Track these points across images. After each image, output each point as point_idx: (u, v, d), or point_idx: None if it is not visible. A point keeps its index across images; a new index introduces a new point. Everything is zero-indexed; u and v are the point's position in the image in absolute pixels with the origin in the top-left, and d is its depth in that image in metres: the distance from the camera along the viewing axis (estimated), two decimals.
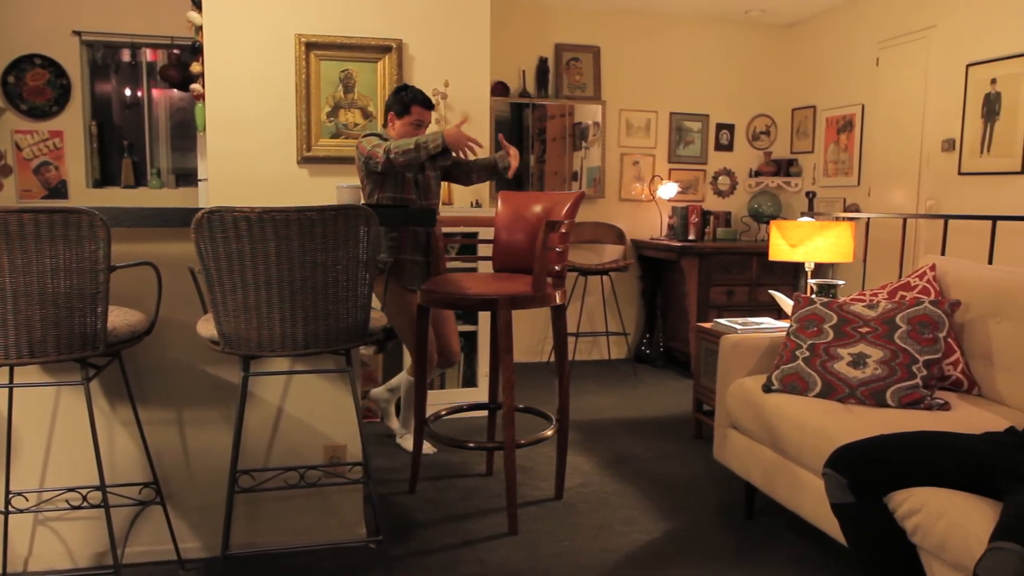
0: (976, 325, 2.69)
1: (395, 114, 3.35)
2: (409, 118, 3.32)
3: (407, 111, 3.33)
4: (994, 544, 1.58)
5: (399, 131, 3.34)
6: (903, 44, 4.84)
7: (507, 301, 2.71)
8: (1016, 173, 4.04)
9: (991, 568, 1.55)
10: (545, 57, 5.52)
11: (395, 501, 3.09)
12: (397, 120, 3.35)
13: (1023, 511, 1.62)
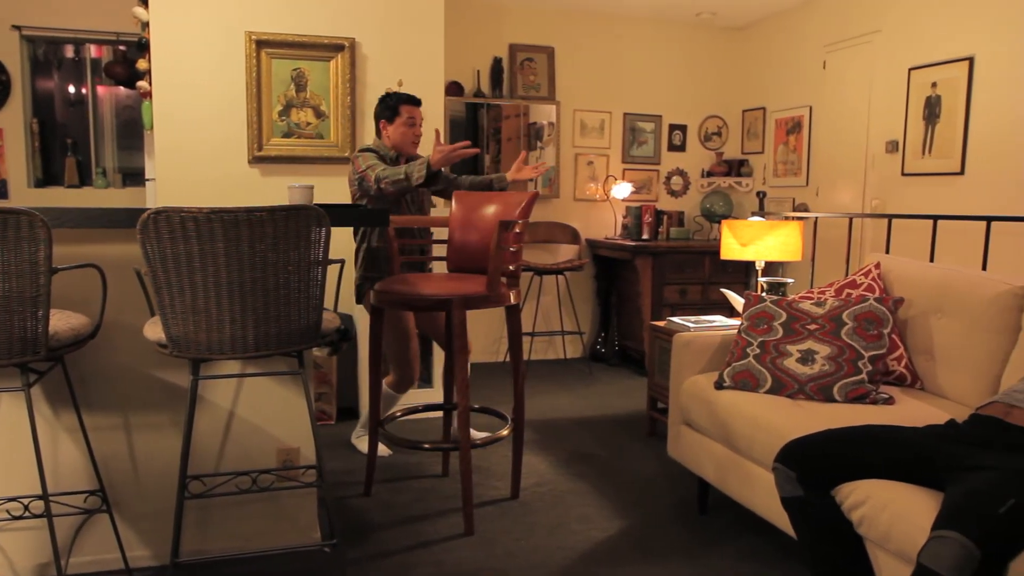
0: (918, 321, 2.77)
1: (386, 120, 3.38)
2: (400, 119, 3.35)
3: (396, 113, 3.36)
4: (935, 533, 1.63)
5: (394, 135, 3.37)
6: (849, 48, 4.96)
7: (461, 301, 2.71)
8: (956, 174, 4.17)
9: (933, 556, 1.60)
10: (499, 57, 5.53)
11: (350, 504, 3.06)
12: (389, 126, 3.38)
13: (962, 501, 1.68)
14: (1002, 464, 1.77)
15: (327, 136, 4.38)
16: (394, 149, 3.40)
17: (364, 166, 3.19)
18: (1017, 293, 2.48)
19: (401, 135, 3.38)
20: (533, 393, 4.80)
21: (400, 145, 3.40)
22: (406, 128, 3.37)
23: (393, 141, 3.39)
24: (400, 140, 3.39)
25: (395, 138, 3.39)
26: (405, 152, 3.42)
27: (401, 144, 3.40)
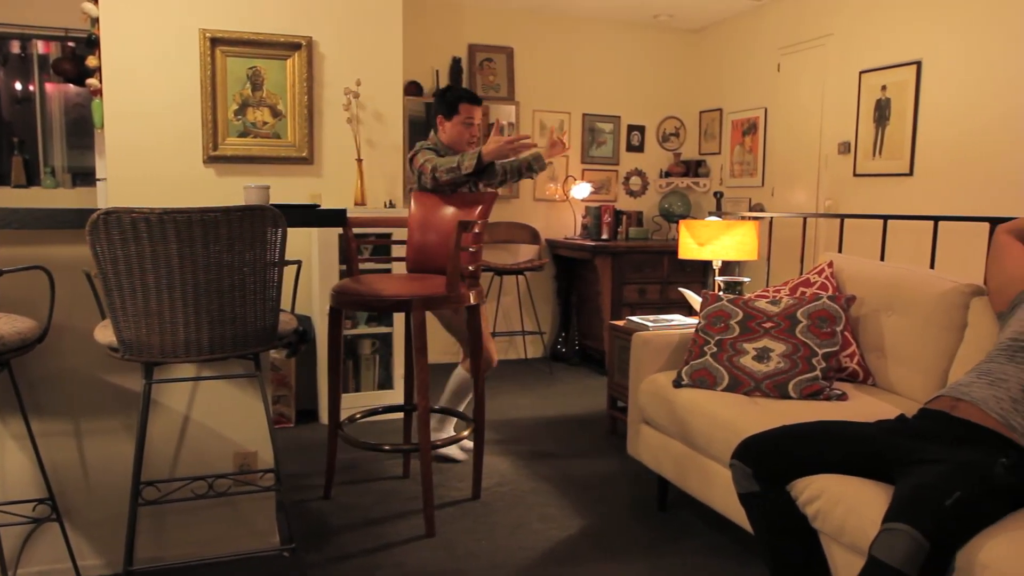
0: (870, 319, 2.83)
1: (443, 116, 3.28)
2: (458, 117, 3.25)
3: (455, 110, 3.25)
4: (886, 526, 1.67)
5: (450, 133, 3.27)
6: (802, 51, 5.06)
7: (421, 302, 2.69)
8: (905, 175, 4.27)
9: (883, 548, 1.64)
10: (458, 57, 5.52)
11: (310, 507, 3.02)
12: (447, 122, 3.27)
13: (911, 494, 1.72)
14: (949, 457, 1.82)
15: (284, 136, 4.33)
16: (450, 147, 3.28)
17: (422, 160, 3.14)
18: (963, 291, 2.55)
19: (458, 134, 3.27)
20: (494, 393, 4.80)
21: (455, 144, 3.28)
22: (463, 127, 3.26)
23: (449, 138, 3.28)
24: (456, 138, 3.28)
25: (451, 136, 3.27)
26: (460, 151, 3.28)
27: (456, 143, 3.28)
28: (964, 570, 1.63)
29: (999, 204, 3.69)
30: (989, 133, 3.81)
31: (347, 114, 4.38)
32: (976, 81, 3.87)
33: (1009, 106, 3.71)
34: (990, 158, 3.81)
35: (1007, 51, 3.71)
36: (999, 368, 2.03)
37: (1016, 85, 3.67)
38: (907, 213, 3.94)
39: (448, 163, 3.04)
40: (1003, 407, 1.91)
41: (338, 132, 4.42)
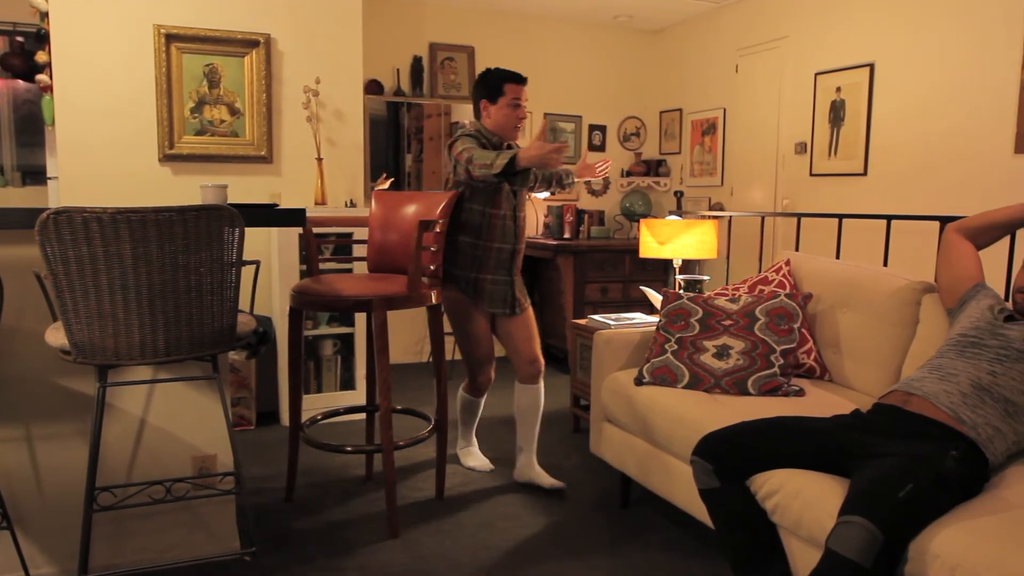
0: (826, 316, 2.89)
1: (487, 100, 3.01)
2: (504, 99, 2.98)
3: (499, 92, 2.99)
4: (842, 518, 1.70)
5: (496, 117, 3.01)
6: (759, 52, 5.13)
7: (382, 302, 2.68)
8: (859, 175, 4.36)
9: (840, 540, 1.67)
10: (419, 56, 5.49)
11: (271, 510, 2.99)
12: (491, 106, 3.01)
13: (866, 487, 1.76)
14: (901, 451, 1.86)
15: (242, 134, 4.27)
16: (496, 133, 3.03)
17: (460, 148, 2.90)
18: (915, 288, 2.61)
19: (505, 117, 3.00)
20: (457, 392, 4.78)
21: (503, 128, 3.02)
22: (510, 110, 2.99)
23: (496, 123, 3.02)
24: (504, 123, 3.01)
25: (498, 120, 3.01)
26: (508, 137, 3.06)
27: (504, 127, 3.02)
28: (916, 560, 1.67)
29: (949, 203, 3.79)
30: (939, 134, 3.91)
31: (307, 112, 4.33)
32: (926, 83, 3.97)
33: (958, 108, 3.81)
34: (940, 158, 3.91)
35: (955, 54, 3.81)
36: (949, 363, 2.09)
37: (964, 87, 3.77)
38: (861, 212, 4.02)
39: (484, 158, 2.78)
40: (953, 401, 1.97)
41: (298, 131, 4.37)
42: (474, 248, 3.02)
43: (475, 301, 3.07)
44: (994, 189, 3.60)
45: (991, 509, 1.74)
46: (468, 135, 2.99)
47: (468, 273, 3.05)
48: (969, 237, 2.42)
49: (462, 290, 3.06)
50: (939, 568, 1.62)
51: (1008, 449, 1.95)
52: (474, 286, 3.05)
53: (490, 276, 3.05)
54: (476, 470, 3.40)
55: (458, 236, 3.02)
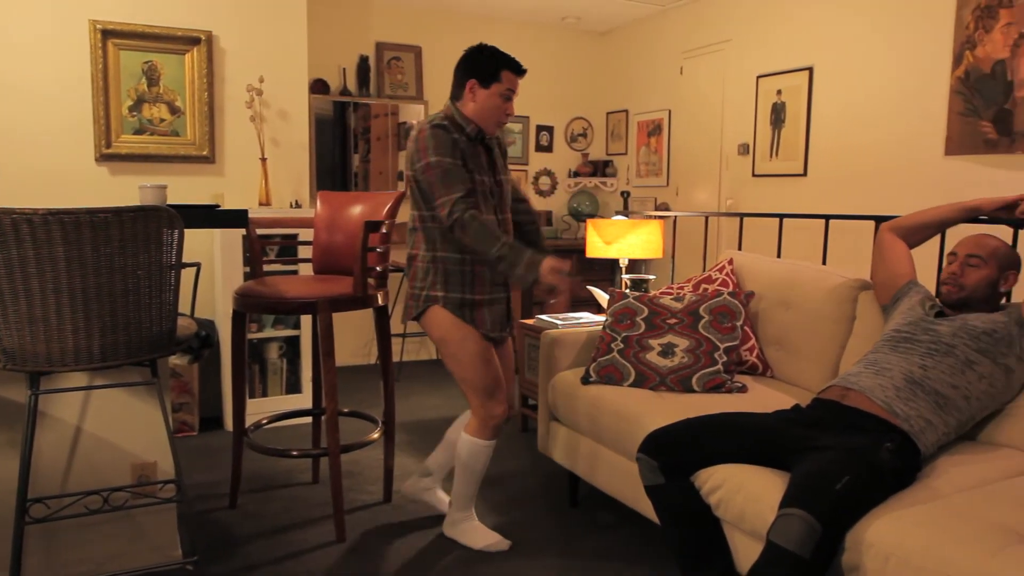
0: (768, 313, 2.95)
1: (478, 82, 2.54)
2: (498, 87, 2.55)
3: (495, 77, 2.54)
4: (782, 511, 1.74)
5: (483, 104, 2.54)
6: (703, 55, 5.22)
7: (327, 303, 2.65)
8: (800, 175, 4.47)
9: (780, 533, 1.71)
10: (366, 55, 5.44)
11: (214, 518, 2.93)
12: (481, 90, 2.54)
13: (805, 480, 1.80)
14: (839, 444, 1.91)
15: (183, 134, 4.17)
16: (475, 121, 2.57)
17: (433, 151, 2.42)
18: (852, 285, 2.69)
19: (493, 108, 2.55)
20: (405, 394, 4.76)
21: (483, 119, 2.57)
22: (501, 101, 2.56)
23: (479, 111, 2.55)
24: (488, 113, 2.56)
25: (483, 108, 2.55)
26: (486, 130, 2.60)
27: (487, 118, 2.57)
28: (852, 550, 1.72)
29: (884, 203, 3.91)
30: (874, 137, 4.03)
31: (250, 112, 4.26)
32: (862, 88, 4.09)
33: (892, 112, 3.93)
34: (875, 160, 4.03)
35: (890, 61, 3.93)
36: (884, 358, 2.15)
37: (898, 92, 3.90)
38: (801, 212, 4.12)
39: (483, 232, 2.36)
40: (887, 395, 2.03)
41: (241, 130, 4.29)
42: (461, 264, 2.53)
43: (473, 326, 2.56)
44: (926, 190, 3.72)
45: (923, 498, 1.80)
46: (439, 127, 2.47)
47: (459, 295, 2.54)
48: (902, 236, 2.50)
49: (455, 313, 2.54)
50: (874, 556, 1.67)
51: (939, 440, 2.02)
52: (470, 308, 2.55)
53: (486, 296, 2.57)
54: (491, 550, 2.68)
55: (437, 251, 2.54)
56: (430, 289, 2.55)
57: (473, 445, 2.61)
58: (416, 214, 2.57)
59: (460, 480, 2.67)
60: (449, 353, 2.58)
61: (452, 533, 2.74)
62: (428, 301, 2.55)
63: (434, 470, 2.90)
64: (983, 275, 2.20)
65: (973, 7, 3.51)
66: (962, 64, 3.57)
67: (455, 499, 2.72)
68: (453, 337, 2.54)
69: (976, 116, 3.52)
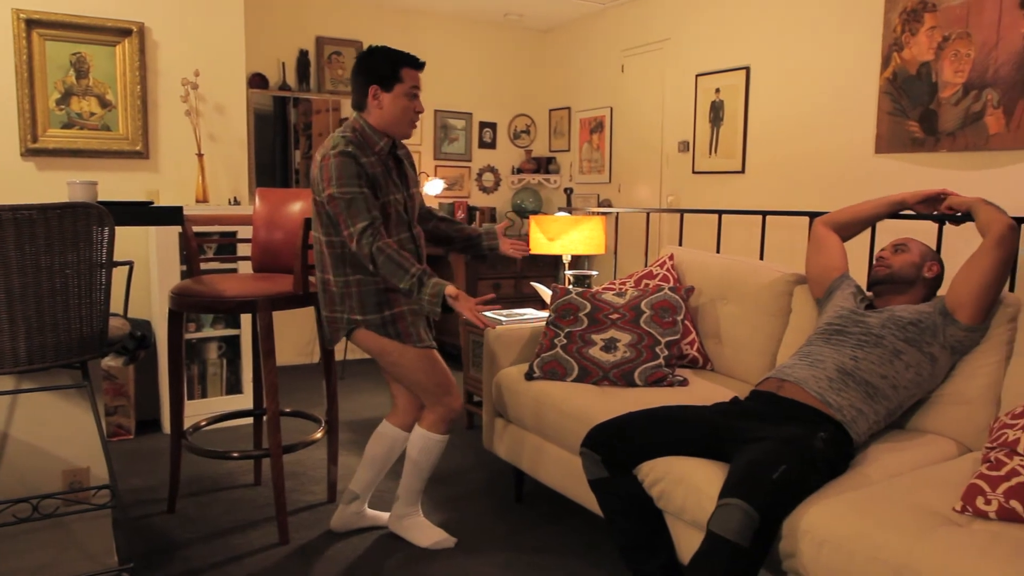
0: (707, 308, 3.01)
1: (379, 87, 2.42)
2: (401, 87, 2.42)
3: (396, 78, 2.41)
4: (721, 501, 1.78)
5: (390, 110, 2.43)
6: (643, 53, 5.28)
7: (267, 302, 2.60)
8: (738, 172, 4.56)
9: (719, 522, 1.75)
10: (306, 50, 5.36)
11: (152, 523, 2.85)
12: (385, 94, 2.42)
13: (743, 470, 1.84)
14: (775, 434, 1.96)
15: (115, 128, 4.05)
16: (386, 130, 2.47)
17: (336, 181, 2.31)
18: (787, 280, 2.76)
19: (401, 110, 2.43)
20: (349, 393, 4.71)
21: (394, 125, 2.46)
22: (407, 101, 2.43)
23: (387, 118, 2.44)
24: (398, 118, 2.45)
25: (392, 114, 2.43)
26: (400, 134, 2.50)
27: (397, 124, 2.46)
28: (789, 537, 1.77)
29: (818, 199, 4.02)
30: (808, 135, 4.14)
31: (186, 106, 4.15)
32: (797, 87, 4.19)
33: (825, 111, 4.04)
34: (810, 158, 4.14)
35: (823, 61, 4.05)
36: (817, 350, 2.22)
37: (831, 92, 4.01)
38: (739, 208, 4.21)
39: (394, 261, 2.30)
40: (821, 386, 2.09)
41: (176, 125, 4.18)
42: (375, 283, 2.46)
43: (398, 338, 2.48)
44: (858, 187, 3.84)
45: (855, 485, 1.86)
46: (344, 154, 2.34)
47: (378, 314, 2.46)
48: (835, 230, 2.58)
49: (380, 334, 2.47)
50: (809, 543, 1.72)
51: (870, 428, 2.09)
52: (392, 325, 2.47)
53: (405, 307, 2.49)
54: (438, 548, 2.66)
55: (350, 275, 2.45)
56: (349, 314, 2.46)
57: (428, 440, 2.58)
58: (323, 238, 2.46)
59: (410, 475, 2.64)
60: (391, 362, 2.51)
61: (398, 529, 2.71)
62: (351, 324, 2.47)
63: (361, 492, 2.76)
64: (907, 259, 2.33)
65: (900, 11, 3.63)
66: (890, 66, 3.69)
67: (403, 494, 2.68)
68: (392, 348, 2.48)
69: (904, 116, 3.64)
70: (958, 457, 2.06)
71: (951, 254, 2.87)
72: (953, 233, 2.72)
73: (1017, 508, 1.61)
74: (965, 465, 1.93)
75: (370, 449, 2.73)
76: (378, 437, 2.72)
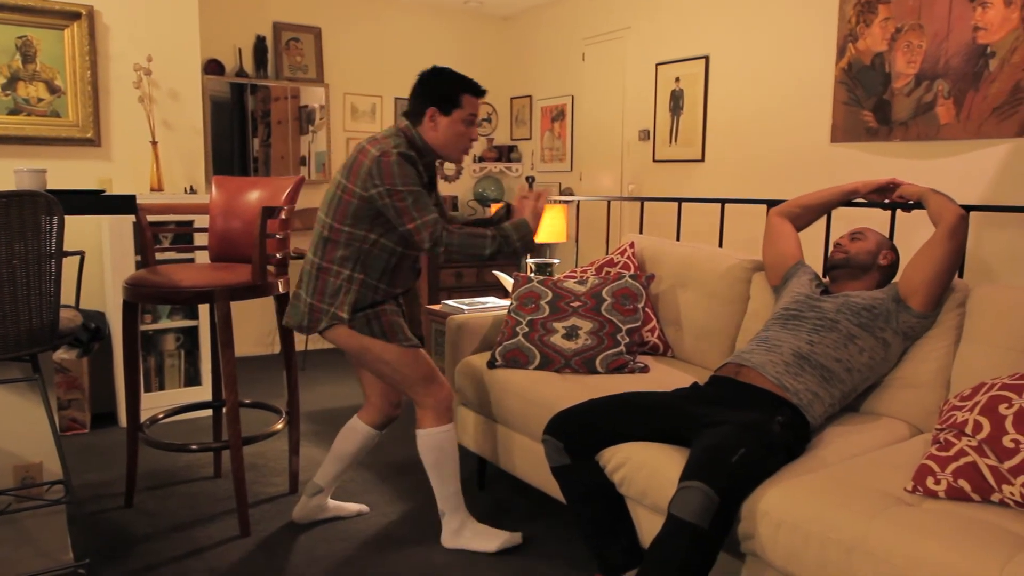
0: (668, 295, 3.04)
1: (438, 110, 2.40)
2: (460, 113, 2.41)
3: (455, 103, 2.40)
4: (682, 485, 1.81)
5: (446, 133, 2.42)
6: (604, 42, 5.29)
7: (225, 292, 2.56)
8: (697, 161, 4.61)
9: (680, 505, 1.78)
10: (263, 35, 5.27)
11: (109, 518, 2.80)
12: (442, 118, 2.40)
13: (703, 454, 1.87)
14: (734, 418, 1.99)
15: (64, 114, 3.94)
16: (437, 150, 2.46)
17: (407, 196, 2.29)
18: (745, 267, 2.80)
19: (457, 136, 2.43)
20: (311, 384, 4.67)
21: (447, 148, 2.45)
22: (464, 127, 2.44)
23: (442, 140, 2.43)
24: (452, 141, 2.44)
25: (446, 137, 2.43)
26: (449, 159, 2.51)
27: (451, 147, 2.45)
28: (748, 519, 1.80)
29: (776, 188, 4.08)
30: (766, 124, 4.19)
31: (138, 92, 4.05)
32: (755, 77, 4.24)
33: (783, 100, 4.10)
34: (767, 146, 4.19)
35: (780, 51, 4.10)
36: (774, 336, 2.25)
37: (788, 82, 4.06)
38: (699, 196, 4.25)
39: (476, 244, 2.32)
40: (778, 370, 2.13)
41: (129, 112, 4.08)
42: (375, 291, 2.43)
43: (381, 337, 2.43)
44: (814, 175, 3.90)
45: (811, 468, 1.90)
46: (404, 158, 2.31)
47: (364, 312, 2.42)
48: (789, 219, 2.62)
49: (364, 332, 2.42)
50: (767, 524, 1.75)
51: (826, 412, 2.13)
52: (377, 321, 2.43)
53: (388, 307, 2.47)
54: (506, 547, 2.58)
55: (357, 273, 2.40)
56: (338, 308, 2.39)
57: (435, 437, 2.49)
58: (346, 229, 2.38)
59: (440, 481, 2.53)
60: (374, 358, 2.45)
61: (459, 543, 2.57)
62: (335, 320, 2.40)
63: (325, 486, 2.74)
64: (863, 246, 2.38)
65: (855, 2, 3.69)
66: (845, 56, 3.75)
67: (445, 504, 2.56)
68: (373, 345, 2.42)
69: (858, 106, 3.71)
70: (910, 439, 2.11)
71: (903, 240, 2.94)
72: (905, 219, 2.78)
73: (965, 487, 1.66)
74: (916, 446, 1.99)
75: (339, 444, 2.70)
76: (348, 432, 2.69)
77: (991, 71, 3.19)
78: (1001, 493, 1.63)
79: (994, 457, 1.65)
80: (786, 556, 1.71)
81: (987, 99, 3.21)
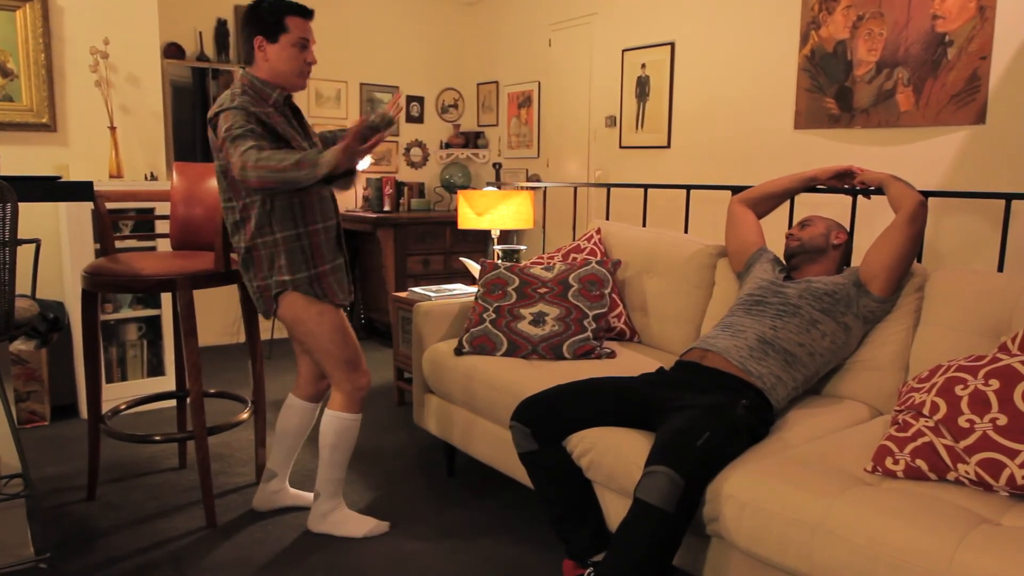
0: (634, 281, 3.06)
1: (264, 39, 2.33)
2: (287, 37, 2.32)
3: (281, 27, 2.32)
4: (648, 469, 1.83)
5: (276, 62, 2.34)
6: (570, 28, 5.28)
7: (187, 280, 2.52)
8: (664, 147, 4.63)
9: (646, 489, 1.80)
10: (224, 19, 5.16)
11: (71, 511, 2.75)
12: (270, 46, 2.33)
13: (668, 438, 1.89)
14: (699, 403, 2.02)
15: (18, 99, 3.83)
16: (276, 82, 2.38)
17: (224, 130, 2.21)
18: (710, 253, 2.82)
19: (289, 60, 2.34)
20: (278, 373, 4.63)
21: (284, 77, 2.37)
22: (296, 51, 2.34)
23: (274, 70, 2.35)
24: (287, 68, 2.36)
25: (278, 66, 2.35)
26: (291, 87, 2.41)
27: (286, 75, 2.37)
28: (712, 502, 1.83)
29: (741, 174, 4.12)
30: (730, 111, 4.22)
31: (95, 76, 3.95)
32: (720, 63, 4.27)
33: (747, 87, 4.13)
34: (732, 133, 4.23)
35: (744, 38, 4.12)
36: (739, 321, 2.28)
37: (752, 69, 4.09)
38: (664, 183, 4.27)
39: (273, 159, 2.12)
40: (742, 355, 2.15)
41: (86, 96, 3.98)
42: (298, 240, 2.39)
43: (319, 298, 2.43)
44: (778, 162, 3.95)
45: (774, 450, 1.93)
46: (234, 108, 2.25)
47: (305, 272, 2.40)
48: (751, 206, 2.65)
49: (306, 293, 2.41)
50: (732, 507, 1.78)
51: (788, 395, 2.17)
52: (318, 282, 2.42)
53: (328, 265, 2.45)
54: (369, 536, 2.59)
55: (270, 234, 2.37)
56: (277, 275, 2.38)
57: (341, 421, 2.50)
58: (238, 204, 2.37)
59: (329, 464, 2.53)
60: (306, 331, 2.43)
61: (323, 527, 2.58)
62: (279, 287, 2.39)
63: (278, 470, 2.74)
64: (813, 231, 2.43)
65: None
66: (808, 43, 3.79)
67: (323, 487, 2.56)
68: (309, 315, 2.41)
69: (821, 93, 3.75)
70: (870, 420, 2.16)
71: (864, 226, 2.99)
72: (866, 206, 2.82)
73: (922, 467, 1.71)
74: (876, 427, 2.03)
75: (280, 424, 2.72)
76: (286, 410, 2.73)
77: (949, 59, 3.24)
78: (956, 472, 1.67)
79: (950, 437, 1.70)
80: (750, 537, 1.74)
81: (945, 87, 3.27)
